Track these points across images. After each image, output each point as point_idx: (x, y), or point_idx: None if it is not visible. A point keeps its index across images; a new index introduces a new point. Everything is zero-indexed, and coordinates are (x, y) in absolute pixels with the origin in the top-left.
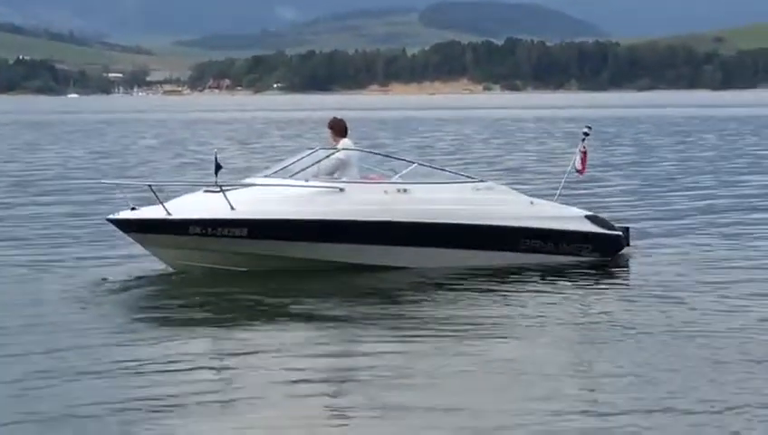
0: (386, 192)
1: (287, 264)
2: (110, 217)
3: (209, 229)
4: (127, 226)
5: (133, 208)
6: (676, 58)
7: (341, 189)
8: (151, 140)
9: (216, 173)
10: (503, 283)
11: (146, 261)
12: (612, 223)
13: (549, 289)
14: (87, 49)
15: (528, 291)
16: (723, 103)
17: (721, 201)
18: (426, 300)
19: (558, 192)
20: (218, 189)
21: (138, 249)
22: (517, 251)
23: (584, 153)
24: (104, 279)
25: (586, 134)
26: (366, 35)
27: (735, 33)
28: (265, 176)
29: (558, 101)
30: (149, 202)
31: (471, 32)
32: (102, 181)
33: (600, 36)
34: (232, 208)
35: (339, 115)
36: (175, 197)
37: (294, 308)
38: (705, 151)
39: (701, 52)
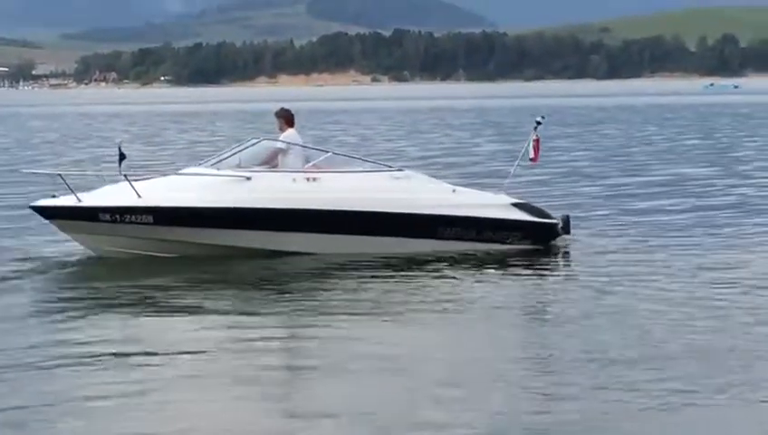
0: (294, 180)
1: (198, 250)
2: (32, 204)
3: (117, 216)
4: (44, 212)
5: (53, 196)
6: (563, 48)
7: (248, 178)
8: (50, 134)
9: (120, 163)
10: (414, 269)
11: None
12: (547, 211)
13: (459, 275)
14: None
15: (439, 277)
16: (612, 93)
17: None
18: (323, 287)
19: (507, 181)
20: (125, 178)
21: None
22: (437, 238)
23: (537, 141)
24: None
25: (538, 123)
26: (253, 27)
27: (621, 22)
28: (199, 165)
29: (448, 91)
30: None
31: (358, 23)
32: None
33: (488, 27)
34: (138, 196)
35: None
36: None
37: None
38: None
39: (587, 42)
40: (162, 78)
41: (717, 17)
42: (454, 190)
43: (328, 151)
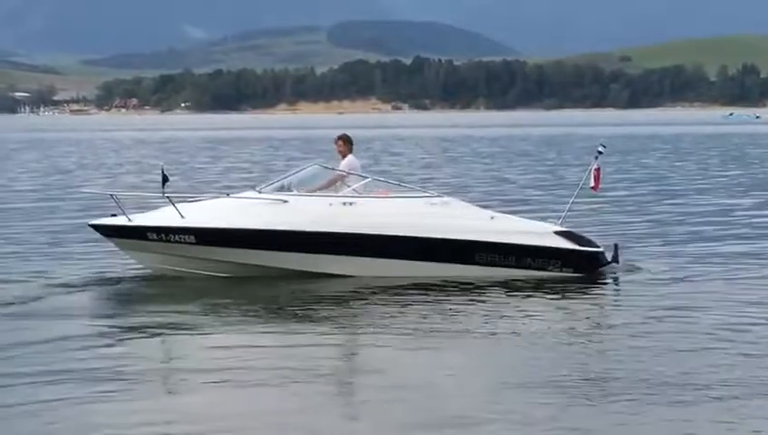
0: (330, 205)
1: (239, 270)
2: (90, 222)
3: (163, 235)
4: (101, 230)
5: (113, 215)
6: (584, 77)
7: (285, 201)
8: (83, 159)
9: (164, 185)
10: (449, 294)
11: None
12: (592, 240)
13: (493, 301)
14: None
15: (473, 302)
16: (634, 122)
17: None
18: (364, 311)
19: (566, 209)
20: (168, 199)
21: None
22: (475, 264)
23: (597, 171)
24: None
25: (600, 152)
26: (274, 54)
27: (641, 52)
28: (251, 189)
29: (470, 119)
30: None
31: (379, 51)
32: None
33: (508, 55)
34: (182, 217)
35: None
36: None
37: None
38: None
39: (608, 70)
40: (183, 104)
41: (738, 46)
42: (492, 217)
43: (368, 177)
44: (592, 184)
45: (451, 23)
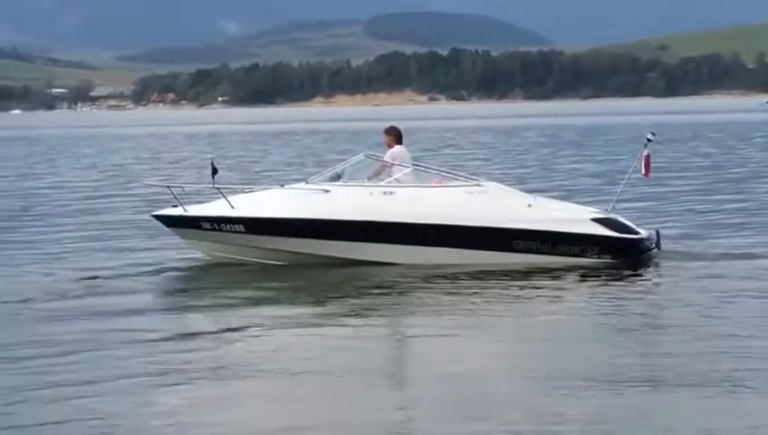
0: (371, 194)
1: (288, 257)
2: (153, 213)
3: (215, 225)
4: (161, 220)
5: (174, 206)
6: (620, 66)
7: (327, 191)
8: (140, 154)
9: (213, 176)
10: (490, 280)
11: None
12: (632, 227)
13: (523, 287)
14: (30, 65)
15: (501, 288)
16: (675, 110)
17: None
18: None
19: (616, 197)
20: (218, 190)
21: None
22: (512, 251)
23: (647, 157)
24: None
25: (649, 140)
26: (310, 47)
27: (678, 40)
28: (305, 182)
29: (508, 110)
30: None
31: (415, 42)
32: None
33: (544, 46)
34: (232, 207)
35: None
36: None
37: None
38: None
39: (644, 59)
40: (219, 99)
41: None
42: (530, 205)
43: (409, 166)
44: (643, 171)
45: (486, 13)
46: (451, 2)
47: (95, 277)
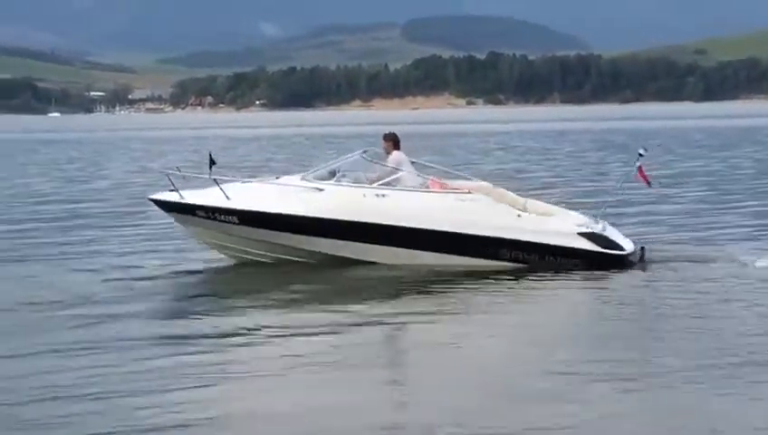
0: (364, 195)
1: (279, 251)
2: (150, 196)
3: (210, 214)
4: (158, 205)
5: (171, 191)
6: (658, 70)
7: (320, 189)
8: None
9: (210, 168)
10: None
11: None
12: (618, 242)
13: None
14: (68, 68)
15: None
16: (717, 115)
17: None
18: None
19: (602, 209)
20: (215, 181)
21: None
22: (497, 260)
23: (641, 170)
24: None
25: (641, 154)
26: (348, 51)
27: (715, 44)
28: (298, 175)
29: (546, 114)
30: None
31: (453, 46)
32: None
33: (582, 49)
34: (227, 198)
35: (385, 132)
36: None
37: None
38: None
39: (682, 64)
40: (257, 102)
41: None
42: (519, 215)
43: (403, 170)
44: (643, 182)
45: (523, 17)
46: (487, 5)
47: (144, 278)
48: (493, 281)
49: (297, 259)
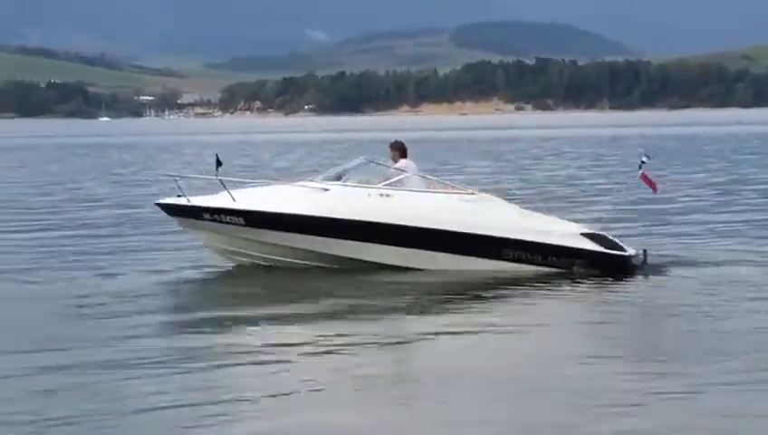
0: (369, 195)
1: (285, 253)
2: (157, 201)
3: (216, 216)
4: (164, 209)
5: (179, 196)
6: (708, 76)
7: (326, 189)
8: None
9: (217, 169)
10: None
11: None
12: (620, 244)
13: (511, 295)
14: (118, 72)
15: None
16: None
17: None
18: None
19: (612, 211)
20: (221, 183)
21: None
22: (500, 260)
23: (644, 176)
24: None
25: (643, 162)
26: (396, 56)
27: (763, 50)
28: (310, 179)
29: (595, 119)
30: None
31: (502, 52)
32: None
33: (631, 55)
34: (233, 200)
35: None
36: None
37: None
38: None
39: (732, 69)
40: (306, 107)
41: None
42: (522, 216)
43: (407, 172)
44: (650, 189)
45: (570, 22)
46: (536, 11)
47: (186, 281)
48: (508, 289)
49: (305, 263)
